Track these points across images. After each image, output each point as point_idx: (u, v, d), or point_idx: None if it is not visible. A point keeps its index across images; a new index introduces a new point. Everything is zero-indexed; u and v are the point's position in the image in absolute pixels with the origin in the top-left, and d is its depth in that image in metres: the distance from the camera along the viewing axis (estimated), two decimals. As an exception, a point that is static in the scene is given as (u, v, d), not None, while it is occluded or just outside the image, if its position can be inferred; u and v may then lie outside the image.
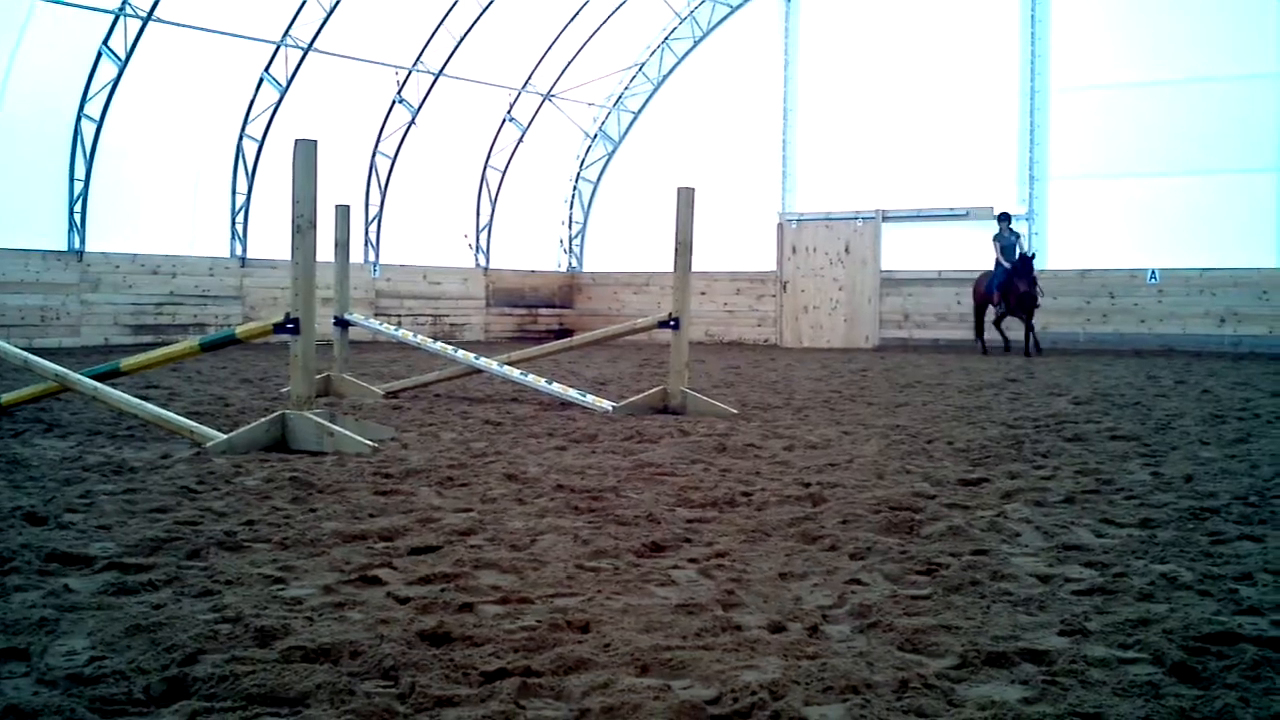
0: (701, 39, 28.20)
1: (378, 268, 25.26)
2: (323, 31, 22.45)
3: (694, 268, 10.59)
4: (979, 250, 23.30)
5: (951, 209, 24.84)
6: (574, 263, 29.81)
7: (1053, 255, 24.00)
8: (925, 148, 25.12)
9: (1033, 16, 24.25)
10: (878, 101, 25.74)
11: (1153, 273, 22.97)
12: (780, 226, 26.63)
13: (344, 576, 4.18)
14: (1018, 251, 21.41)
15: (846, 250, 25.81)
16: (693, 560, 4.50)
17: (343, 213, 11.84)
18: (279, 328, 7.72)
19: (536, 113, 27.74)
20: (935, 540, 4.87)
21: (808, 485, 6.17)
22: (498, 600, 3.87)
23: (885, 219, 25.56)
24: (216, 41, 21.38)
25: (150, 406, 8.22)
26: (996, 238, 21.78)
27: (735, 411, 10.07)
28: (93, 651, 3.31)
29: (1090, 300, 23.54)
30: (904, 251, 25.44)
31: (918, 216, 25.27)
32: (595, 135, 29.25)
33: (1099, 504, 5.78)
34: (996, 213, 22.34)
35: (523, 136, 27.68)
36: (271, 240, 22.50)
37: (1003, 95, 24.66)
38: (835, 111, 26.42)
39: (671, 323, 10.42)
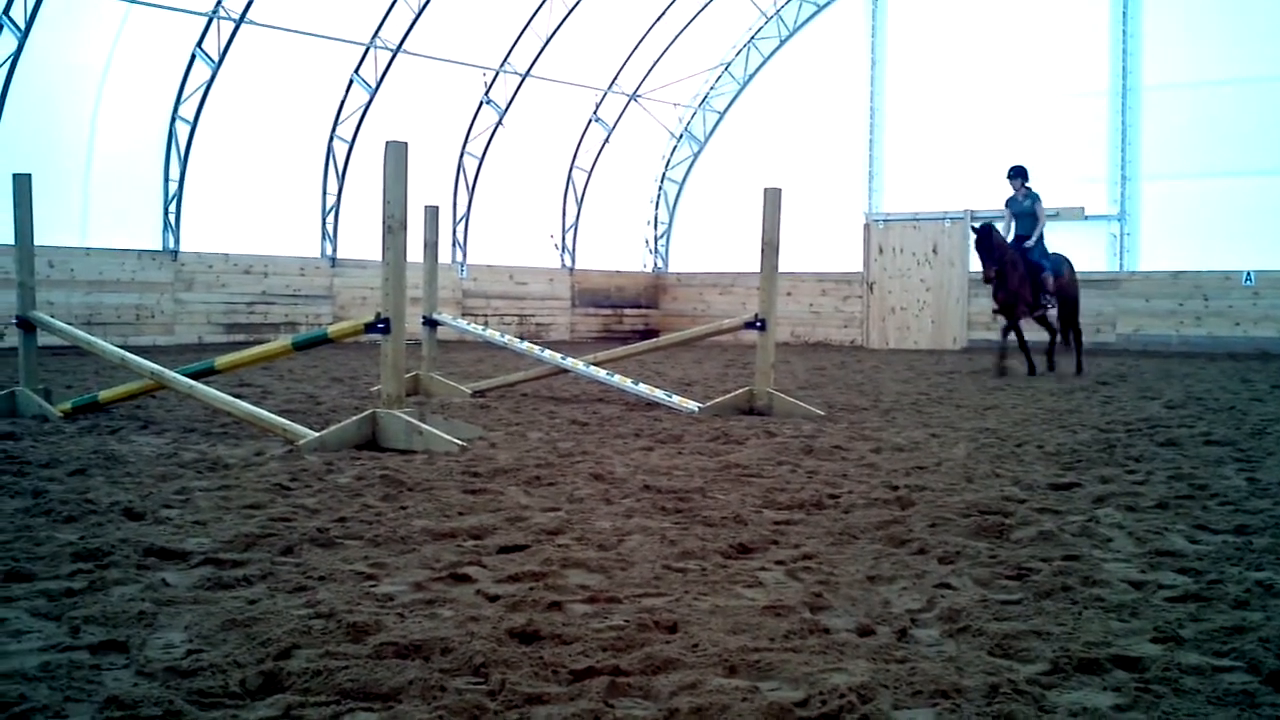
0: (788, 38, 28.10)
1: (465, 268, 25.46)
2: (411, 33, 22.68)
3: (780, 268, 10.56)
4: (1069, 251, 22.94)
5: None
6: (659, 263, 29.84)
7: (1145, 257, 23.64)
8: (1013, 147, 24.76)
9: (1124, 14, 23.88)
10: (966, 100, 25.50)
11: (1248, 274, 22.49)
12: (867, 227, 26.46)
13: (434, 574, 4.22)
14: (1039, 226, 16.10)
15: (934, 251, 25.59)
16: (780, 562, 4.49)
17: (431, 213, 11.96)
18: (370, 327, 7.81)
19: (622, 113, 27.81)
20: (1026, 545, 4.81)
21: (896, 488, 6.13)
22: (586, 599, 3.89)
23: (973, 219, 25.30)
24: (307, 43, 21.69)
25: (244, 404, 8.36)
26: (1009, 202, 16.42)
27: (822, 413, 10.02)
28: (190, 645, 3.38)
29: (1183, 303, 23.10)
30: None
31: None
32: (681, 135, 29.25)
33: (1193, 510, 5.68)
34: (1007, 170, 16.56)
35: (608, 137, 27.77)
36: (360, 240, 22.79)
37: (1093, 94, 24.31)
38: (922, 110, 26.22)
39: (758, 324, 10.40)
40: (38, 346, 9.59)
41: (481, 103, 25.10)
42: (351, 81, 22.75)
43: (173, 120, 20.62)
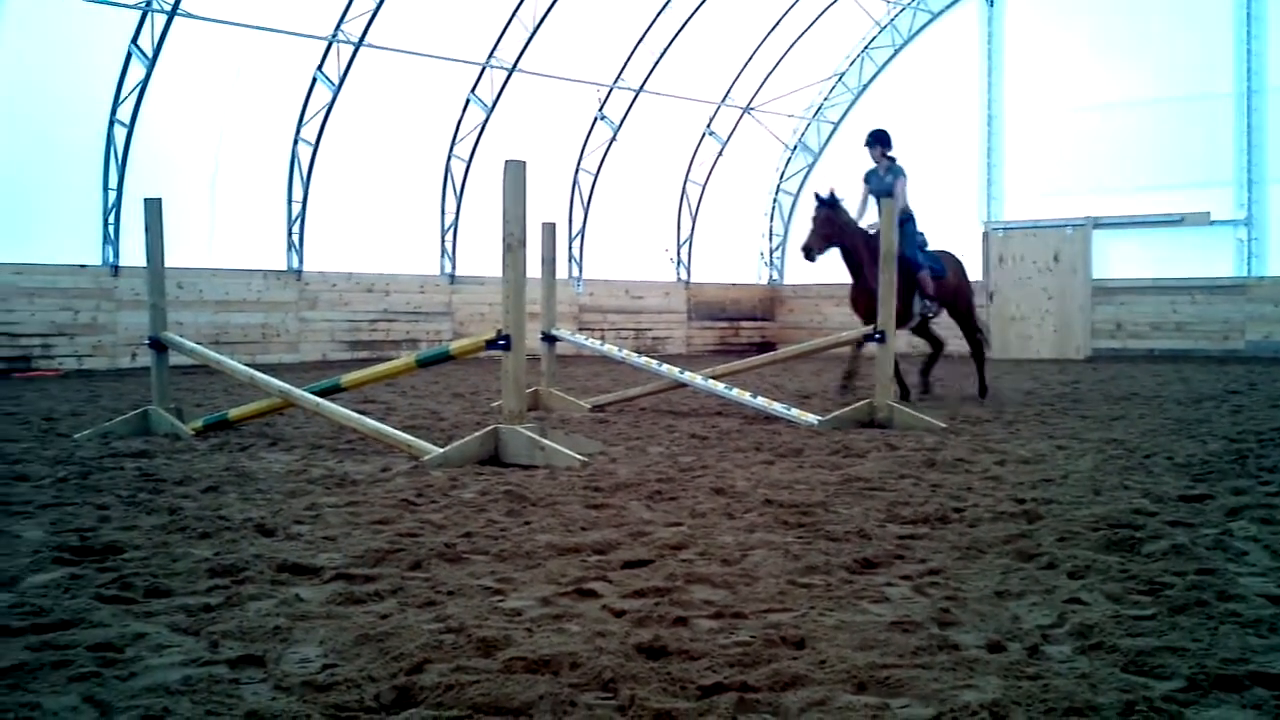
0: (901, 47, 27.91)
1: (581, 283, 25.63)
2: (526, 51, 22.92)
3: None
4: (1194, 257, 22.52)
5: (1165, 215, 24.01)
6: (775, 275, 29.75)
7: (1274, 261, 23.01)
8: (1135, 152, 24.36)
9: (1249, 14, 23.31)
10: (1085, 105, 25.07)
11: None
12: (986, 235, 26.13)
13: (560, 589, 4.25)
14: (901, 202, 12.46)
15: (1056, 259, 25.18)
16: (906, 577, 4.45)
17: (548, 230, 12.06)
18: (491, 344, 7.89)
19: (736, 126, 27.82)
20: (1157, 559, 4.71)
21: (1022, 501, 6.04)
22: (711, 615, 3.89)
23: (1096, 226, 24.86)
24: (424, 64, 22.05)
25: (369, 421, 8.51)
26: (868, 177, 13.25)
27: (943, 425, 9.91)
28: (325, 659, 3.45)
29: (1317, 308, 22.48)
30: (1115, 259, 24.70)
31: (1129, 223, 24.49)
32: (795, 147, 29.18)
33: (1333, 522, 5.52)
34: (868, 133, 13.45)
35: (722, 150, 27.79)
36: (478, 256, 23.06)
37: (1217, 96, 23.75)
38: (1041, 116, 25.84)
39: (877, 335, 10.33)
40: (169, 366, 9.85)
41: (596, 119, 25.27)
42: (468, 101, 23.07)
43: (295, 142, 21.08)
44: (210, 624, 3.80)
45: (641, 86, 25.33)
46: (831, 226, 12.42)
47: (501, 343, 7.76)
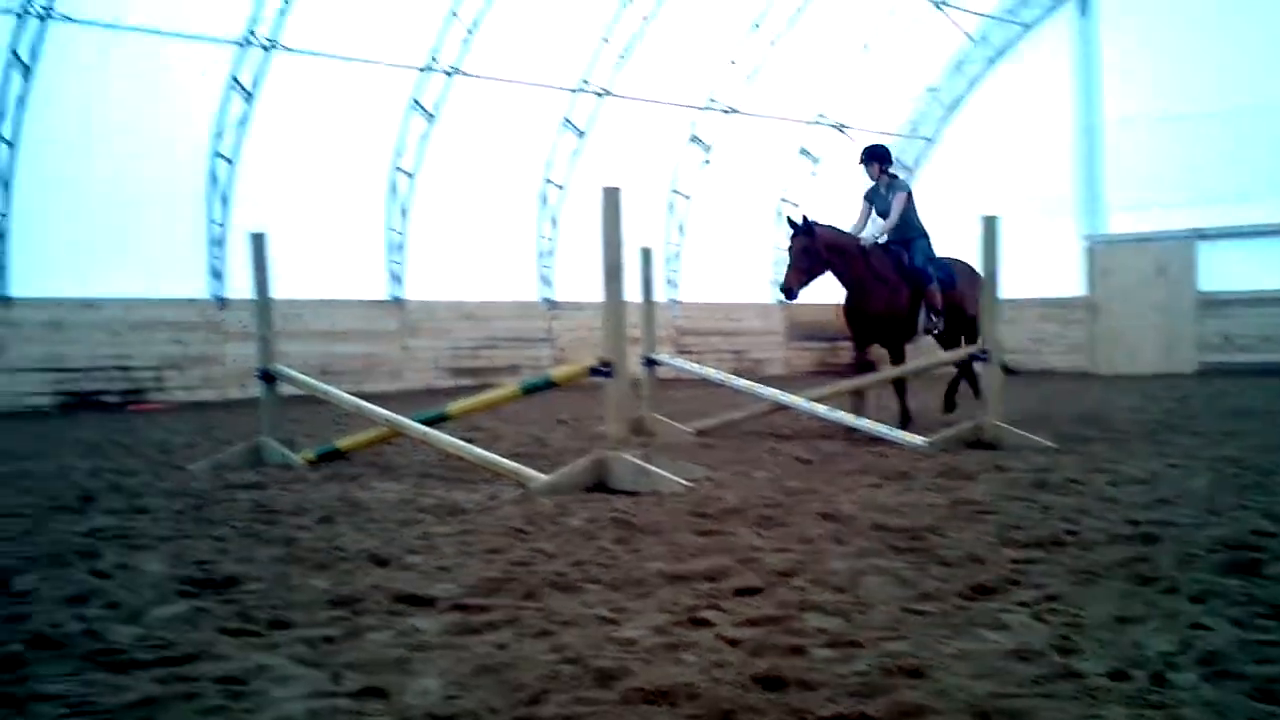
0: (994, 60, 27.63)
1: (678, 306, 25.67)
2: (618, 75, 23.06)
3: (999, 295, 10.34)
4: None
5: (1273, 225, 23.49)
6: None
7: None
8: (1240, 160, 23.85)
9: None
10: (1185, 114, 24.58)
11: None
12: (1089, 249, 25.76)
13: (673, 618, 4.26)
14: (892, 220, 12.17)
15: (1160, 271, 24.74)
16: (1023, 604, 4.39)
17: (645, 255, 12.10)
18: (594, 371, 7.94)
19: (829, 145, 27.72)
20: (1282, 581, 4.62)
21: (1137, 523, 5.94)
22: (827, 644, 3.87)
23: (1200, 237, 24.39)
24: (517, 91, 22.24)
25: (477, 449, 8.59)
26: (870, 194, 12.63)
27: (1052, 445, 9.77)
28: (445, 690, 3.48)
29: None
30: (1222, 270, 24.21)
31: (1236, 233, 23.98)
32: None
33: None
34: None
35: (816, 169, 27.71)
36: (577, 281, 23.19)
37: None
38: (1139, 127, 25.38)
39: (982, 354, 10.23)
40: (278, 396, 10.02)
41: (690, 140, 25.34)
42: (561, 126, 23.23)
43: (393, 171, 21.40)
44: (331, 655, 3.86)
45: (734, 108, 25.35)
46: (811, 257, 11.60)
47: (604, 369, 7.80)
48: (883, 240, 12.21)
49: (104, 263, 18.44)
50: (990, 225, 10.11)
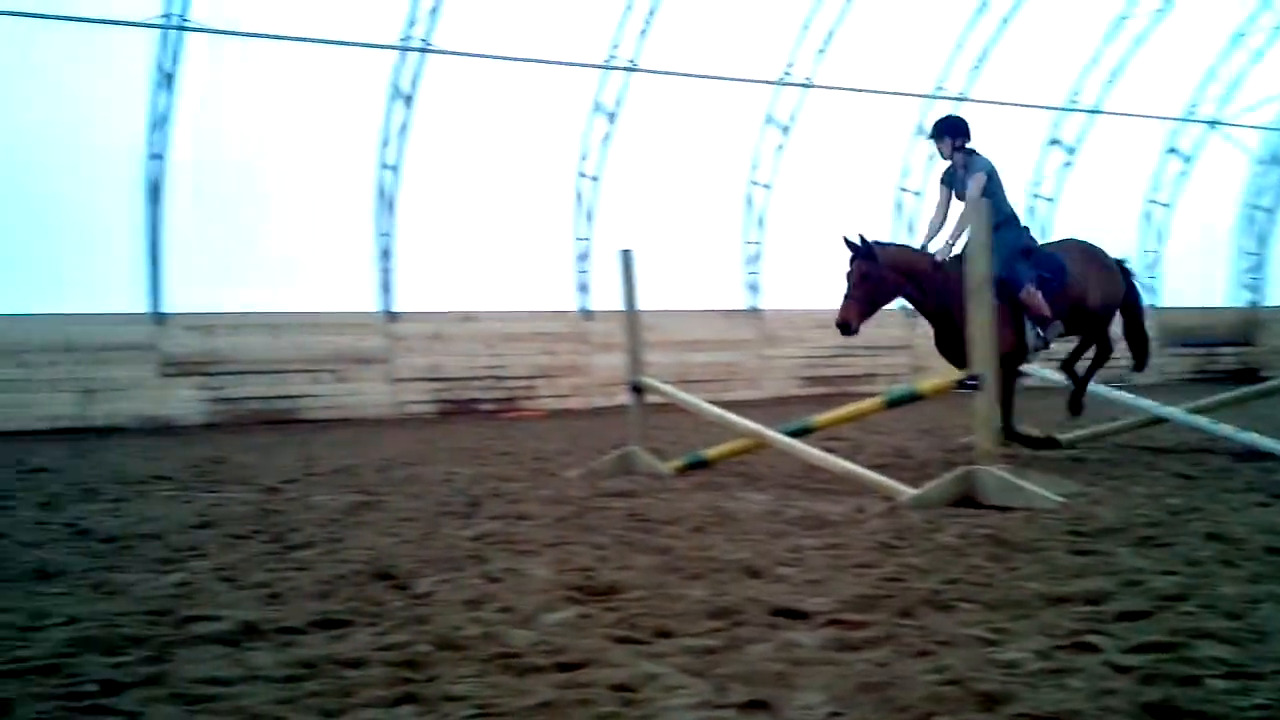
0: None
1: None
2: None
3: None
4: None
5: None
6: (1253, 296, 27.92)
7: None
8: None
9: None
10: None
11: None
12: None
13: (1055, 641, 4.17)
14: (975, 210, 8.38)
15: None
16: None
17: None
18: (961, 385, 7.83)
19: (1199, 142, 26.30)
20: None
21: None
22: (1223, 674, 3.71)
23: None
24: (868, 100, 22.01)
25: (841, 461, 8.60)
26: (946, 177, 10.28)
27: None
28: (829, 706, 3.53)
29: None
30: None
31: None
32: (1265, 160, 27.33)
33: None
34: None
35: (1186, 168, 26.34)
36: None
37: None
38: None
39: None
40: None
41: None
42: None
43: (749, 184, 21.70)
44: (714, 666, 3.97)
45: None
46: (873, 283, 9.54)
47: (972, 382, 7.68)
48: (958, 249, 9.52)
49: (480, 279, 19.53)
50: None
